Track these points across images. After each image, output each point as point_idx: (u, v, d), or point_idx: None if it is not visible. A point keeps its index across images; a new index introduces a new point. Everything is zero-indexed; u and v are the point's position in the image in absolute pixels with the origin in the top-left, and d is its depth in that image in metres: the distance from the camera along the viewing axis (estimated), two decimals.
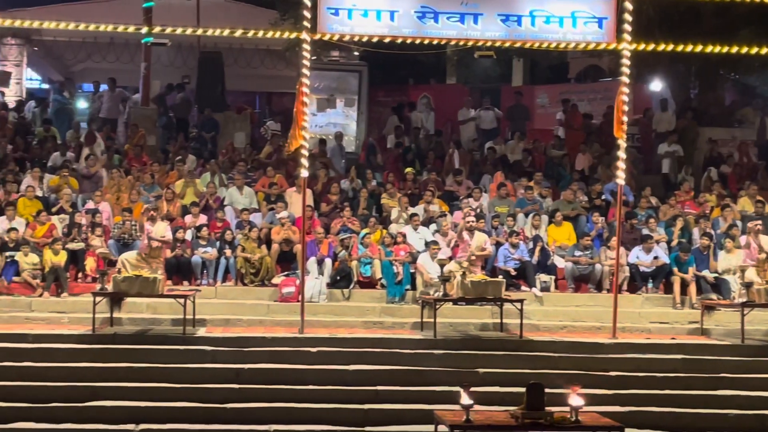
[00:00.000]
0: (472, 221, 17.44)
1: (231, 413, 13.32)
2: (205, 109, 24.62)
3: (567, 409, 10.51)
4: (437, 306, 15.57)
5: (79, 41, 28.46)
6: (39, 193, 19.81)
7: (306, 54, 15.79)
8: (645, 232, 18.79)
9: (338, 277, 17.79)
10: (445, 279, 15.90)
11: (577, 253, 18.39)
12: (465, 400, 10.38)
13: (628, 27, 15.96)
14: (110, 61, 28.26)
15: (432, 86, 29.88)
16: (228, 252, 18.09)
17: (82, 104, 28.56)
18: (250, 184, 20.75)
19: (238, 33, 17.82)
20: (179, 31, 18.11)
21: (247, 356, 14.45)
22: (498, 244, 18.36)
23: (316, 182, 20.64)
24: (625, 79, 16.08)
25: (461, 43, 17.07)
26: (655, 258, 18.19)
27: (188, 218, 19.17)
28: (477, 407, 10.72)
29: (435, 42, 16.60)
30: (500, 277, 17.05)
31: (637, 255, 18.26)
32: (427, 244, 17.99)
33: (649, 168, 24.17)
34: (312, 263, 17.49)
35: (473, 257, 16.97)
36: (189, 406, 13.37)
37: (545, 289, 17.93)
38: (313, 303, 16.94)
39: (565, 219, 19.46)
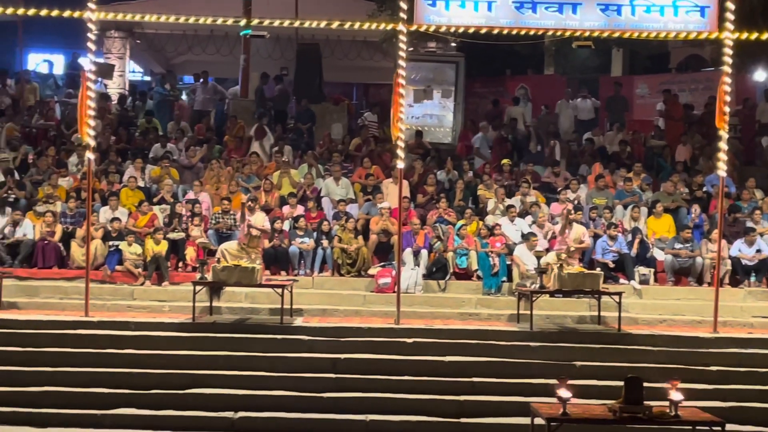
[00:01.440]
0: (571, 213, 17.30)
1: (327, 402, 13.42)
2: (303, 101, 24.79)
3: (666, 403, 10.36)
4: (534, 298, 15.48)
5: (180, 34, 28.87)
6: (141, 184, 20.17)
7: (403, 45, 15.78)
8: (749, 224, 18.41)
9: (434, 269, 17.78)
10: (542, 271, 15.79)
11: (677, 245, 18.09)
12: (562, 392, 10.30)
13: (730, 16, 15.62)
14: (210, 53, 28.61)
15: (529, 77, 29.66)
16: (325, 242, 18.21)
17: (182, 96, 28.98)
18: (347, 175, 20.85)
19: (336, 25, 17.89)
20: (277, 23, 18.24)
21: (344, 346, 14.54)
22: (596, 236, 18.16)
23: (412, 173, 20.65)
24: (727, 69, 15.74)
25: (559, 33, 16.92)
26: (758, 251, 17.82)
27: (286, 209, 19.34)
28: (574, 400, 10.62)
29: (532, 32, 16.47)
30: (598, 269, 16.85)
31: (739, 248, 17.91)
32: (523, 235, 17.88)
33: (751, 160, 23.66)
34: (408, 254, 17.51)
35: (571, 249, 16.83)
36: (286, 395, 13.51)
37: (644, 281, 17.66)
38: (409, 294, 16.97)
39: (665, 211, 19.16)
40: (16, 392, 13.39)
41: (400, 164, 16.18)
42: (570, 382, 10.66)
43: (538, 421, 10.68)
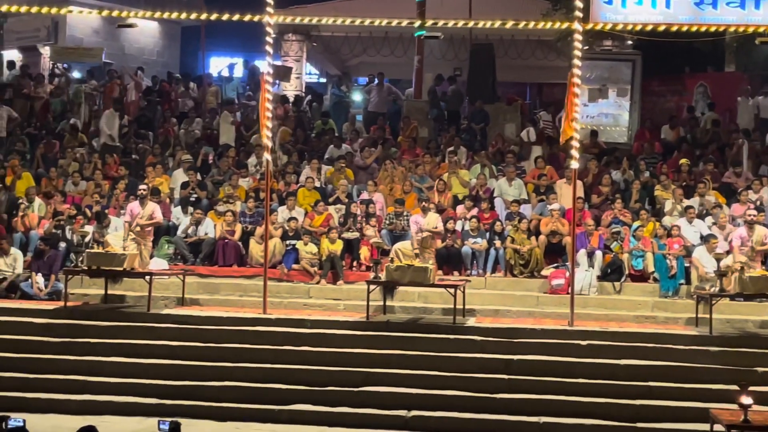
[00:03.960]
0: (753, 214, 16.77)
1: (500, 403, 13.40)
2: (477, 101, 24.78)
3: None
4: (713, 301, 15.06)
5: (355, 36, 29.23)
6: (317, 184, 20.53)
7: (578, 44, 15.60)
8: None
9: (609, 270, 17.51)
10: (722, 274, 15.34)
11: None
12: (743, 399, 10.01)
13: None
14: (384, 55, 28.88)
15: (709, 74, 28.85)
16: (498, 243, 18.16)
17: (357, 97, 29.41)
18: (520, 176, 20.73)
19: (510, 24, 17.85)
20: (451, 23, 18.31)
21: (517, 347, 14.47)
22: None
23: (587, 173, 20.39)
24: None
25: (741, 29, 16.42)
26: None
27: (459, 209, 19.37)
28: (755, 407, 10.33)
29: (713, 29, 16.04)
30: None
31: None
32: (702, 237, 17.42)
33: None
34: (582, 255, 17.30)
35: (753, 252, 16.31)
36: (459, 395, 13.54)
37: None
38: (583, 295, 16.76)
39: None
40: (197, 386, 13.84)
41: (575, 164, 16.01)
42: (751, 388, 10.37)
43: (718, 427, 10.44)
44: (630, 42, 26.42)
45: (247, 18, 16.88)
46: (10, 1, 23.94)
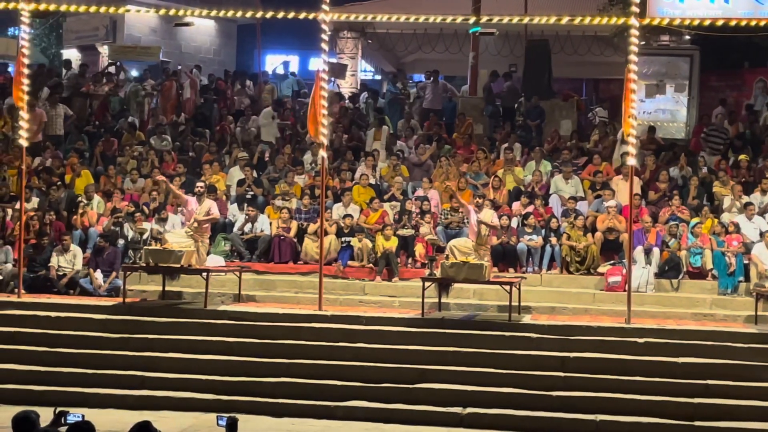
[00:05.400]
0: None
1: (556, 401, 13.34)
2: (532, 97, 24.67)
3: None
4: None
5: (410, 33, 29.20)
6: (372, 181, 20.56)
7: (634, 39, 15.46)
8: None
9: (666, 267, 17.35)
10: None
11: None
12: None
13: None
14: (439, 52, 28.80)
15: None
16: (553, 240, 18.08)
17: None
18: (576, 172, 20.61)
19: (566, 20, 17.73)
20: (506, 20, 18.27)
21: (573, 345, 14.39)
22: None
23: (644, 170, 20.22)
24: None
25: None
26: None
27: (515, 206, 19.31)
28: None
29: None
30: None
31: None
32: (762, 234, 17.20)
33: None
34: (639, 252, 17.16)
35: None
36: (514, 392, 13.50)
37: None
38: (640, 293, 16.63)
39: None
40: (254, 382, 13.94)
41: (632, 161, 15.88)
42: None
43: None
44: (687, 37, 26.14)
45: (302, 15, 16.96)
46: (70, 1, 24.22)
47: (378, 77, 36.20)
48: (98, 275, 17.40)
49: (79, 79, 26.40)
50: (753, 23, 15.92)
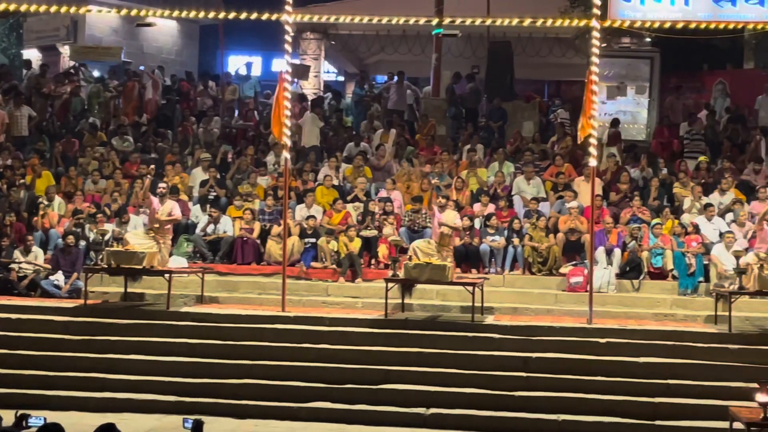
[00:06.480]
0: None
1: (519, 401, 13.40)
2: (495, 99, 24.77)
3: None
4: (732, 299, 15.02)
5: (373, 34, 29.23)
6: (335, 182, 20.55)
7: (596, 41, 15.58)
8: None
9: (628, 268, 17.48)
10: (741, 271, 15.28)
11: None
12: (762, 397, 9.99)
13: None
14: (402, 53, 28.85)
15: (728, 72, 28.74)
16: (516, 241, 18.16)
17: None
18: (538, 173, 20.71)
19: (528, 22, 17.82)
20: (469, 21, 18.30)
21: (535, 345, 14.46)
22: None
23: (605, 171, 20.36)
24: None
25: (760, 26, 16.36)
26: None
27: (477, 207, 19.38)
28: None
29: (732, 26, 15.99)
30: None
31: None
32: (721, 235, 17.38)
33: None
34: (600, 253, 17.28)
35: None
36: (477, 393, 13.54)
37: None
38: (602, 293, 16.74)
39: None
40: (217, 384, 13.90)
41: (593, 162, 15.99)
42: None
43: (737, 425, 10.44)
44: (648, 39, 26.35)
45: (265, 17, 16.94)
46: (30, 1, 24.02)
47: (341, 78, 36.19)
48: (60, 277, 17.27)
49: (40, 79, 26.19)
50: (712, 26, 16.08)
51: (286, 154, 16.62)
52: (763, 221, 16.49)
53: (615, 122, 23.08)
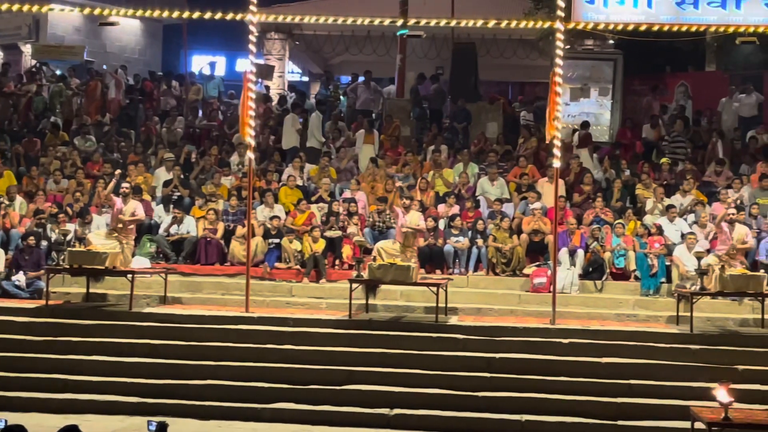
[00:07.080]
0: (733, 213, 16.87)
1: (482, 401, 13.43)
2: (458, 100, 24.82)
3: None
4: (694, 300, 15.14)
5: (337, 34, 29.21)
6: (299, 183, 20.52)
7: (559, 43, 15.65)
8: None
9: (591, 269, 17.58)
10: (702, 272, 15.41)
11: None
12: (723, 397, 10.07)
13: None
14: (366, 54, 28.85)
15: (690, 74, 28.94)
16: (480, 242, 18.21)
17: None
18: (502, 174, 20.77)
19: (492, 23, 17.87)
20: (434, 22, 18.32)
21: (499, 345, 14.51)
22: (759, 237, 17.64)
23: (568, 172, 20.45)
24: None
25: (722, 29, 16.50)
26: None
27: (441, 208, 19.41)
28: (736, 405, 10.39)
29: (694, 29, 16.12)
30: (762, 271, 16.35)
31: None
32: (683, 236, 17.51)
33: None
34: (564, 254, 17.37)
35: (733, 250, 16.40)
36: (441, 393, 13.56)
37: None
38: (565, 294, 16.83)
39: None
40: (180, 385, 13.83)
41: (556, 163, 16.06)
42: (732, 386, 10.42)
43: (699, 425, 10.50)
44: (611, 41, 26.49)
45: (229, 16, 16.88)
46: None
47: (305, 79, 36.14)
48: (21, 277, 17.13)
49: (2, 78, 25.97)
50: (675, 28, 16.20)
51: (250, 154, 16.57)
52: (722, 222, 16.62)
53: (585, 124, 23.17)
